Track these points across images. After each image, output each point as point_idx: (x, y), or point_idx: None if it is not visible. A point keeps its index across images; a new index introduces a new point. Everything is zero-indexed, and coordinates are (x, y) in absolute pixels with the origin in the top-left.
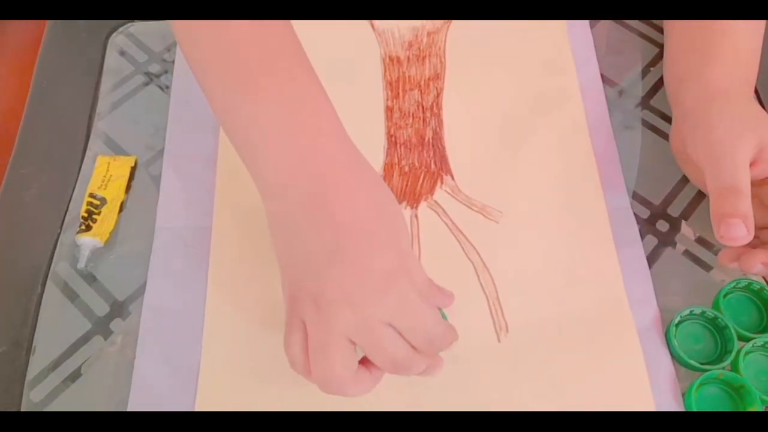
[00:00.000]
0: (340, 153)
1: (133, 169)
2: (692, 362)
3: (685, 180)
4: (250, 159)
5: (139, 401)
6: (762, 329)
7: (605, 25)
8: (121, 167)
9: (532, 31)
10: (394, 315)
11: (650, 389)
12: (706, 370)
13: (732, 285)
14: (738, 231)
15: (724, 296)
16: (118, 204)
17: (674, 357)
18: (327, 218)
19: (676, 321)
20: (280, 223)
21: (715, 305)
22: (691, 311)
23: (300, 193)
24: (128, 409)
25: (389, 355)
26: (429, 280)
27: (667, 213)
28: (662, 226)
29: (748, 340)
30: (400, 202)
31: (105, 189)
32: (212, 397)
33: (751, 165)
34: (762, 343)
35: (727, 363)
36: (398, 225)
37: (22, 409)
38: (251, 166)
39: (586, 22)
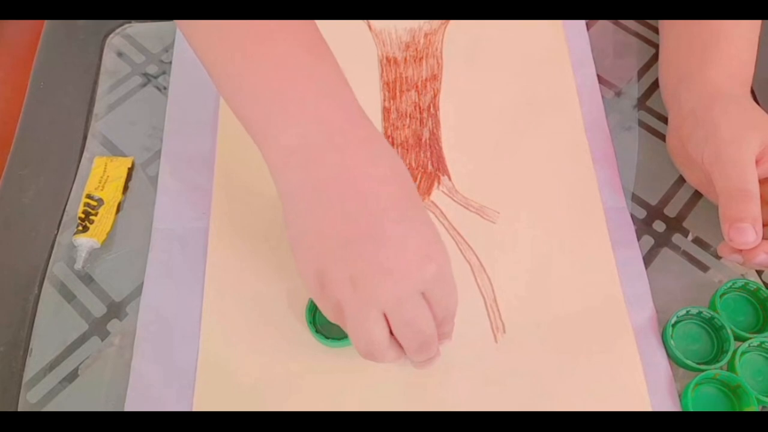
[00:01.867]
0: (359, 128)
1: (131, 170)
2: (689, 362)
3: (681, 181)
4: (262, 133)
5: (136, 402)
6: (758, 329)
7: (602, 26)
8: (118, 168)
9: (529, 33)
10: (432, 284)
11: (646, 389)
12: (703, 370)
13: (728, 285)
14: (748, 235)
15: (721, 296)
16: (116, 205)
17: (671, 357)
18: (351, 188)
19: (673, 321)
20: (298, 205)
21: (712, 305)
22: (687, 311)
23: (318, 165)
24: (125, 410)
25: (419, 330)
26: None
27: (664, 213)
28: (659, 226)
29: (744, 339)
30: None
31: (102, 190)
32: (209, 397)
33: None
34: (758, 342)
35: (723, 363)
36: (417, 194)
37: (18, 410)
38: (263, 141)
39: (582, 24)
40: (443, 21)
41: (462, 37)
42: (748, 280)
